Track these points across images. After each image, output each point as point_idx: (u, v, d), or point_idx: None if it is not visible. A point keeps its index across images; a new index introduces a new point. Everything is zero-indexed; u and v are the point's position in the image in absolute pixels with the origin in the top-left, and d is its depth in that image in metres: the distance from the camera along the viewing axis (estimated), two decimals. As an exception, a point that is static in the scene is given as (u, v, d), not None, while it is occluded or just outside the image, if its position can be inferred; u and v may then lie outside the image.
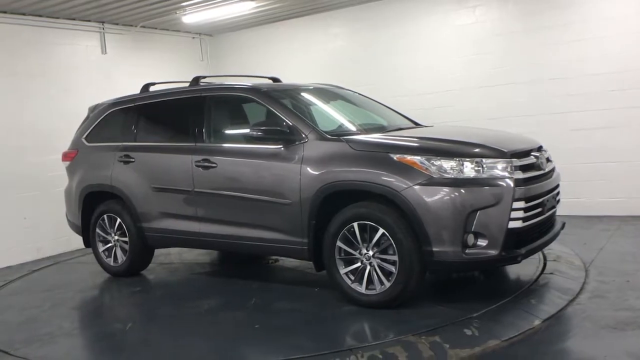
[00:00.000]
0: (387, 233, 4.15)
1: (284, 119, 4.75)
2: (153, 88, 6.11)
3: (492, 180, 4.02)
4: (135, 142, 5.81)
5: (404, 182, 4.07)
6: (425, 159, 4.09)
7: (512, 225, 4.00)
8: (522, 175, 4.13)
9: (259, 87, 5.24)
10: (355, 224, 4.30)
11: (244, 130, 5.27)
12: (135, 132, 5.86)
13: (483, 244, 4.00)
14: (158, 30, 9.15)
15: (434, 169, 4.05)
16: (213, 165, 5.09)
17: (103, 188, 5.94)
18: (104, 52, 8.41)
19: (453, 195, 3.97)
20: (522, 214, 4.06)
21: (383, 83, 8.11)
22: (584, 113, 7.01)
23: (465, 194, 3.97)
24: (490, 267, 4.72)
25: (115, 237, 5.93)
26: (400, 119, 5.69)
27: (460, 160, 4.07)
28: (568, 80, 7.09)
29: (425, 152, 4.16)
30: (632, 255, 5.30)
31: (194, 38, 9.87)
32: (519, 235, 4.11)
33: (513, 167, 4.10)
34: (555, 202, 4.64)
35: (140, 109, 5.90)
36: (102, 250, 6.07)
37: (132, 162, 5.72)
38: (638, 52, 6.69)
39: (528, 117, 7.26)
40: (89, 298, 5.61)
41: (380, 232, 4.18)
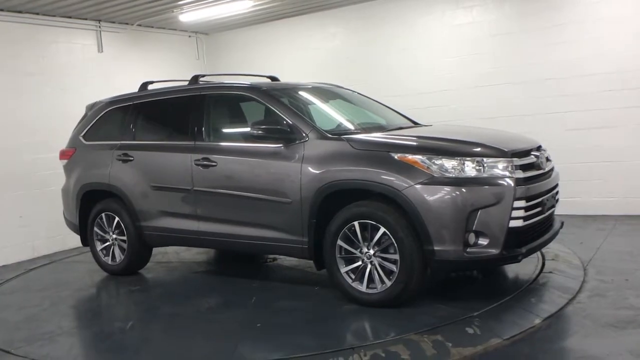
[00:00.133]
0: (388, 232, 4.16)
1: (285, 118, 4.75)
2: (151, 87, 6.09)
3: (493, 180, 4.04)
4: (134, 140, 5.79)
5: (406, 181, 4.08)
6: (427, 158, 4.11)
7: (512, 225, 4.02)
8: (522, 175, 4.15)
9: (260, 85, 5.23)
10: (356, 223, 4.30)
11: (244, 129, 5.27)
12: (134, 130, 5.84)
13: (484, 243, 4.01)
14: (154, 29, 9.12)
15: (435, 168, 4.07)
16: (213, 164, 5.08)
17: (101, 187, 5.92)
18: (100, 50, 8.38)
19: (454, 195, 3.99)
20: (522, 213, 4.09)
21: (380, 82, 8.12)
22: (580, 113, 7.05)
23: (467, 193, 3.98)
24: (491, 266, 4.74)
25: (114, 235, 5.91)
26: (399, 118, 5.70)
27: (462, 160, 4.08)
28: (564, 81, 7.14)
29: (427, 151, 4.17)
30: (629, 255, 5.34)
31: (190, 37, 9.84)
32: (520, 235, 4.14)
33: (514, 166, 4.12)
34: (555, 201, 4.67)
35: (139, 108, 5.87)
36: (100, 249, 6.05)
37: (130, 160, 5.70)
38: (633, 52, 6.74)
39: (524, 116, 7.30)
40: (88, 297, 5.58)
41: (382, 231, 4.19)
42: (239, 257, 6.42)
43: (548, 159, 4.70)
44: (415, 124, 5.61)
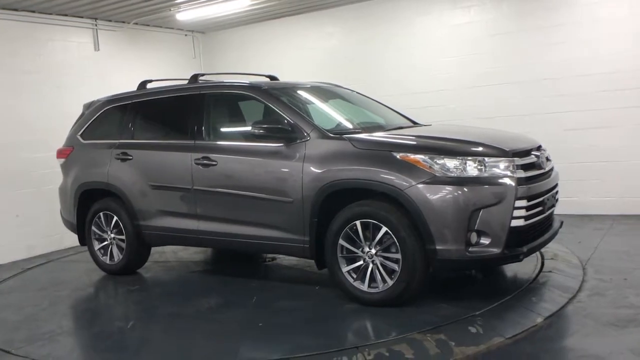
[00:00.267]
0: (390, 231, 4.17)
1: (286, 117, 4.75)
2: (149, 85, 6.06)
3: (494, 179, 4.06)
4: (133, 139, 5.77)
5: (408, 180, 4.08)
6: (429, 158, 4.11)
7: (514, 224, 4.04)
8: (523, 174, 4.17)
9: (260, 85, 5.22)
10: (358, 222, 4.30)
11: (245, 128, 5.26)
12: (133, 129, 5.82)
13: (486, 243, 4.03)
14: (150, 27, 9.09)
15: (437, 168, 4.07)
16: (213, 163, 5.06)
17: (99, 186, 5.89)
18: (97, 49, 8.33)
19: (456, 194, 4.00)
20: (524, 213, 4.11)
21: (377, 82, 8.12)
22: (577, 113, 7.09)
23: (469, 193, 3.99)
24: (493, 265, 4.75)
25: (112, 235, 5.88)
26: (399, 118, 5.71)
27: (463, 159, 4.09)
28: (561, 81, 7.17)
29: (429, 150, 4.18)
30: (626, 254, 5.38)
31: (187, 35, 9.80)
32: (521, 234, 4.16)
33: (515, 166, 4.14)
34: (555, 200, 4.70)
35: (138, 107, 5.85)
36: (97, 249, 6.02)
37: (129, 159, 5.68)
38: (629, 53, 6.79)
39: (522, 116, 7.33)
40: (87, 296, 5.55)
41: (383, 230, 4.19)
42: (237, 256, 6.41)
43: (548, 159, 4.73)
44: (415, 124, 5.62)
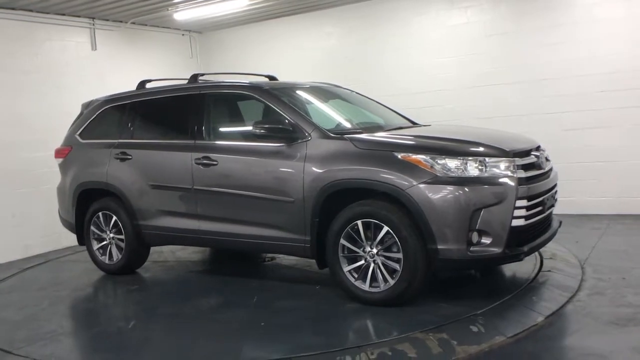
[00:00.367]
0: (391, 231, 4.18)
1: (287, 117, 4.75)
2: (148, 85, 6.05)
3: (495, 179, 4.08)
4: (132, 139, 5.76)
5: (409, 180, 4.10)
6: (430, 158, 4.13)
7: (515, 224, 4.06)
8: (524, 175, 4.19)
9: (261, 85, 5.22)
10: (359, 222, 4.32)
11: (245, 128, 5.26)
12: (132, 129, 5.81)
13: (487, 242, 4.05)
14: (147, 27, 9.07)
15: (439, 168, 4.09)
16: (214, 163, 5.06)
17: (98, 185, 5.88)
18: (94, 48, 8.32)
19: (458, 194, 4.02)
20: (524, 213, 4.13)
21: (376, 82, 8.14)
22: (575, 113, 7.14)
23: (470, 193, 4.01)
24: (494, 264, 4.77)
25: (111, 234, 5.87)
26: (398, 118, 5.73)
27: (465, 159, 4.11)
28: (559, 81, 7.21)
29: (430, 150, 4.20)
30: (624, 253, 5.42)
31: (184, 35, 9.80)
32: (522, 234, 4.18)
33: (515, 166, 4.16)
34: (554, 200, 4.73)
35: (137, 106, 5.84)
36: (96, 248, 6.01)
37: (129, 159, 5.67)
38: (627, 54, 6.84)
39: (520, 117, 7.37)
40: (87, 296, 5.54)
41: (385, 229, 4.21)
42: (235, 256, 6.41)
43: (547, 159, 4.76)
44: (414, 124, 5.64)
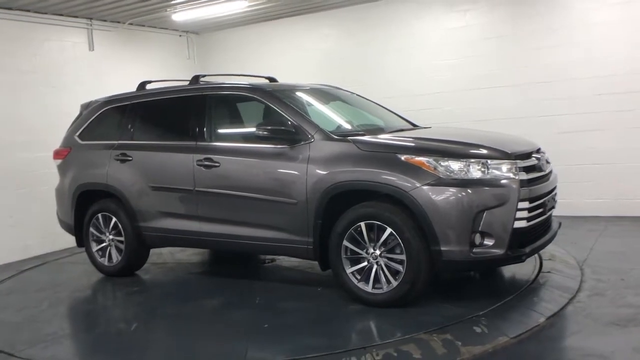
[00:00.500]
0: (394, 232, 4.20)
1: (290, 119, 4.76)
2: (148, 86, 6.04)
3: (498, 181, 4.11)
4: (133, 140, 5.74)
5: (413, 182, 4.13)
6: (433, 160, 4.16)
7: (517, 225, 4.10)
8: (525, 177, 4.24)
9: (264, 86, 5.24)
10: (363, 224, 4.34)
11: (247, 130, 5.26)
12: (133, 130, 5.80)
13: (490, 244, 4.08)
14: (145, 28, 9.06)
15: (442, 170, 4.12)
16: (215, 165, 5.06)
17: (98, 187, 5.86)
18: (92, 49, 8.30)
19: (461, 196, 4.05)
20: (526, 214, 4.17)
21: (374, 84, 8.16)
22: (571, 116, 7.20)
23: (473, 195, 4.05)
24: (496, 266, 4.80)
25: (110, 236, 5.85)
26: (398, 120, 5.76)
27: (467, 162, 4.14)
28: (555, 84, 7.28)
29: (433, 153, 4.23)
30: (622, 255, 5.47)
31: (181, 36, 9.79)
32: (523, 235, 4.22)
33: (517, 168, 4.20)
34: (554, 202, 4.77)
35: (138, 107, 5.83)
36: (95, 250, 5.98)
37: (129, 160, 5.66)
38: (622, 57, 6.91)
39: (517, 119, 7.42)
40: (87, 298, 5.52)
41: (388, 231, 4.23)
42: (235, 258, 6.40)
43: (547, 161, 4.81)
44: (414, 126, 5.67)
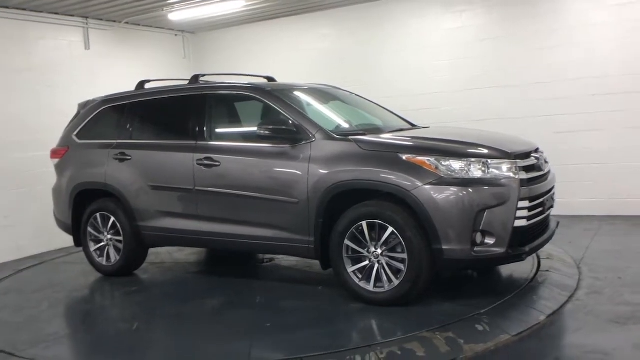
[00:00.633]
0: (396, 231, 4.23)
1: (291, 119, 4.78)
2: (147, 86, 6.03)
3: (499, 181, 4.15)
4: (132, 139, 5.73)
5: (415, 181, 4.15)
6: (435, 159, 4.19)
7: (517, 224, 4.14)
8: (525, 176, 4.28)
9: (264, 86, 5.25)
10: (364, 223, 4.36)
11: (247, 129, 5.27)
12: (132, 129, 5.78)
13: (491, 243, 4.12)
14: (141, 27, 9.03)
15: (443, 169, 4.15)
16: (216, 164, 5.07)
17: (96, 186, 5.84)
18: (87, 48, 8.26)
19: (462, 195, 4.08)
20: (526, 213, 4.21)
21: (371, 84, 8.18)
22: (567, 116, 7.26)
23: (474, 194, 4.08)
24: (497, 264, 4.84)
25: (108, 236, 5.83)
26: (397, 120, 5.78)
27: (468, 161, 4.18)
28: (551, 85, 7.34)
29: (435, 152, 4.25)
30: (618, 253, 5.53)
31: (177, 35, 9.76)
32: (523, 234, 4.26)
33: (517, 167, 4.24)
34: (553, 201, 4.81)
35: (137, 107, 5.82)
36: (93, 250, 5.96)
37: (128, 159, 5.64)
38: (618, 58, 6.98)
39: (513, 119, 7.46)
40: (86, 298, 5.50)
41: (390, 230, 4.25)
42: (232, 257, 6.39)
43: (546, 161, 4.85)
44: (413, 126, 5.70)
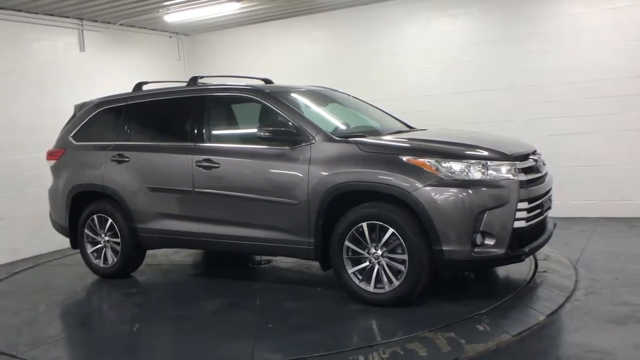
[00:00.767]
0: (396, 232, 4.26)
1: (291, 120, 4.79)
2: (144, 87, 6.03)
3: (498, 182, 4.19)
4: (130, 141, 5.72)
5: (415, 183, 4.18)
6: (435, 161, 4.22)
7: (517, 225, 4.19)
8: (524, 178, 4.32)
9: (264, 88, 5.26)
10: (364, 224, 4.38)
11: (247, 131, 5.27)
12: (129, 131, 5.77)
13: (490, 243, 4.16)
14: (135, 29, 9.01)
15: (444, 171, 4.19)
16: (215, 166, 5.07)
17: (94, 188, 5.82)
18: (82, 49, 8.23)
19: (462, 196, 4.12)
20: (525, 215, 4.26)
21: (365, 87, 8.14)
22: (560, 119, 7.34)
23: (474, 195, 4.12)
24: (497, 265, 4.87)
25: (106, 237, 5.81)
26: (395, 122, 5.82)
27: (468, 163, 4.22)
28: (545, 88, 7.42)
29: (435, 154, 4.29)
30: (614, 254, 5.59)
31: (171, 37, 9.75)
32: (523, 235, 4.30)
33: (516, 169, 4.29)
34: (550, 203, 4.86)
35: (135, 108, 5.81)
36: (90, 252, 5.93)
37: (126, 161, 5.63)
38: (610, 62, 7.06)
39: (507, 122, 7.52)
40: (84, 300, 5.49)
41: (390, 231, 4.28)
42: (230, 259, 6.38)
43: (543, 163, 4.91)
44: (410, 128, 5.74)
